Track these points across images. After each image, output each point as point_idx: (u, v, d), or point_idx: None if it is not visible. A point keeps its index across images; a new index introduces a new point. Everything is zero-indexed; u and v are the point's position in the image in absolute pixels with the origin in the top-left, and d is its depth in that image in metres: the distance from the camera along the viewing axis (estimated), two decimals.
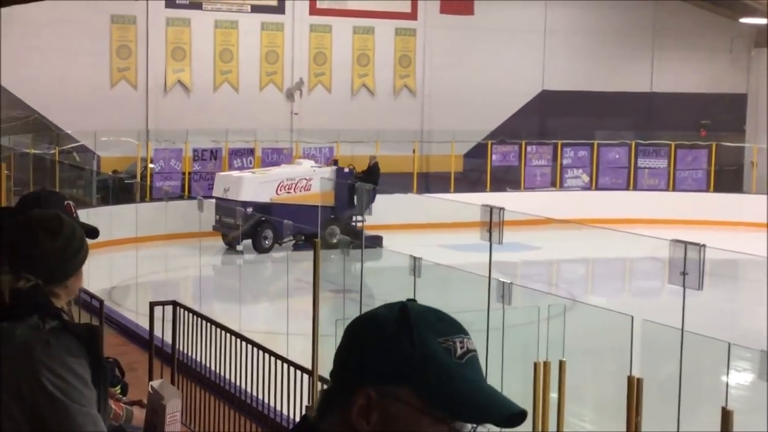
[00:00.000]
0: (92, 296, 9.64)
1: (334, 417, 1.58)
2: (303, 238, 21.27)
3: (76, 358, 2.92)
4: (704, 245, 6.38)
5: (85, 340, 2.96)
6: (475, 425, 1.56)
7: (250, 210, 21.18)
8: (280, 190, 22.35)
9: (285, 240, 21.60)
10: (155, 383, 3.56)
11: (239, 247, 21.37)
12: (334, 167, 23.70)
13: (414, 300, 1.64)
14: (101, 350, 3.00)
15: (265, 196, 22.00)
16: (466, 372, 1.56)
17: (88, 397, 2.93)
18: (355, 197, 22.71)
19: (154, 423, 3.41)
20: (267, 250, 21.68)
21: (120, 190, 23.30)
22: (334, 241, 21.74)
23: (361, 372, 1.57)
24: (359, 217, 22.69)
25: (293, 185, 22.50)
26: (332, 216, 22.42)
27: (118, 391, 4.12)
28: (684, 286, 6.45)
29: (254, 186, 22.06)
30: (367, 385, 1.55)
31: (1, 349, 2.91)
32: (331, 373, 1.64)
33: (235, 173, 23.16)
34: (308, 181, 22.69)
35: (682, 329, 6.67)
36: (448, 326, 1.61)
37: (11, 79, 25.06)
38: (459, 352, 1.57)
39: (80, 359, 2.93)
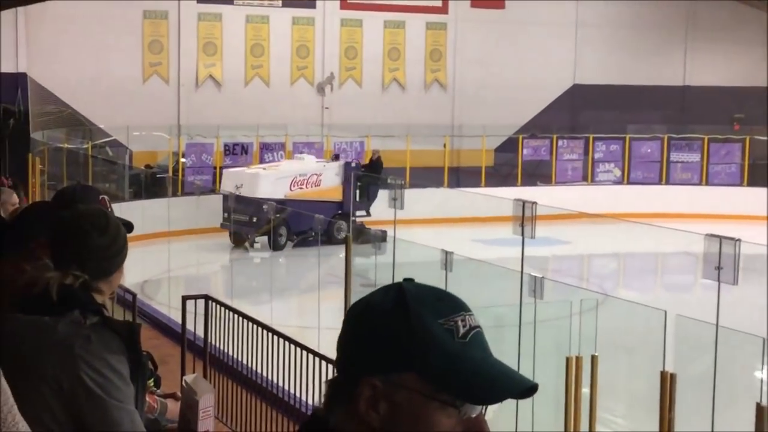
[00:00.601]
0: (125, 290, 9.69)
1: (342, 409, 1.53)
2: (313, 234, 21.05)
3: (115, 354, 2.94)
4: (739, 240, 6.33)
5: (124, 337, 2.98)
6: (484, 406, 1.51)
7: (268, 206, 20.99)
8: (294, 186, 22.14)
9: (307, 236, 21.19)
10: (188, 378, 3.57)
11: (257, 245, 21.07)
12: (342, 162, 23.51)
13: (411, 279, 1.58)
14: (140, 347, 3.02)
15: (279, 192, 21.64)
16: (471, 351, 1.51)
17: (126, 393, 2.95)
18: (358, 192, 22.63)
19: (188, 418, 3.42)
20: (282, 247, 21.43)
21: (152, 184, 23.41)
22: (341, 237, 21.64)
23: (363, 362, 1.52)
24: (361, 212, 22.54)
25: (305, 181, 22.35)
26: (340, 211, 22.24)
27: (152, 383, 4.14)
28: (719, 280, 6.40)
29: (270, 182, 21.79)
30: (371, 375, 1.50)
31: (42, 343, 2.94)
32: (335, 363, 1.59)
33: (247, 170, 22.70)
34: (318, 176, 22.54)
35: (717, 324, 6.62)
36: (447, 305, 1.54)
37: (45, 75, 25.25)
38: (462, 331, 1.51)
39: (119, 356, 2.95)
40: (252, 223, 20.69)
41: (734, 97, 31.56)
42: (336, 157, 24.55)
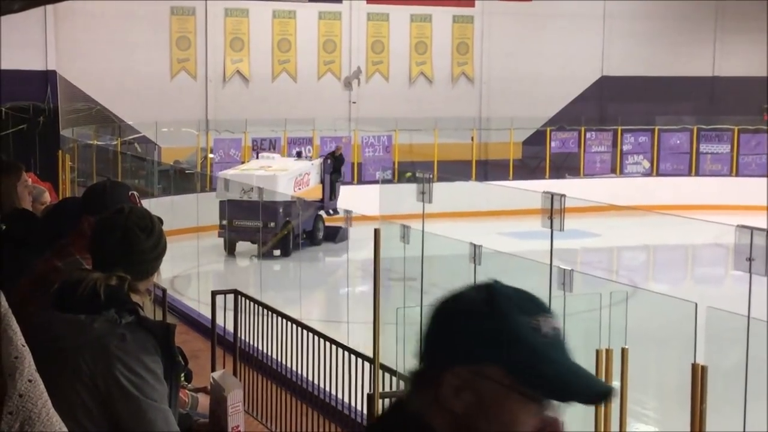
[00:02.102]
0: (155, 285, 9.74)
1: (426, 397, 1.60)
2: (305, 235, 20.46)
3: (150, 354, 2.96)
4: None
5: (159, 338, 3.00)
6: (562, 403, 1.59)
7: (284, 209, 19.87)
8: (296, 187, 21.33)
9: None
10: (216, 374, 3.59)
11: (276, 252, 19.62)
12: (320, 159, 22.77)
13: (498, 281, 1.66)
14: (175, 347, 3.04)
15: (289, 194, 20.64)
16: (553, 350, 1.57)
17: (160, 392, 2.97)
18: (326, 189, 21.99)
19: (218, 414, 3.44)
20: (290, 252, 20.18)
21: (181, 180, 23.51)
22: (321, 236, 21.24)
23: (452, 352, 1.59)
24: (323, 212, 21.80)
25: (302, 181, 21.69)
26: (320, 210, 21.58)
27: (183, 378, 4.16)
28: (750, 272, 6.35)
29: (286, 184, 20.74)
30: (458, 365, 1.57)
31: (78, 341, 2.96)
32: (420, 355, 1.65)
33: (256, 173, 20.82)
34: (308, 175, 21.97)
35: (749, 316, 6.58)
36: (534, 305, 1.61)
37: (74, 72, 25.41)
38: (545, 330, 1.58)
39: (154, 356, 2.97)
40: (269, 229, 19.31)
41: (764, 87, 31.25)
42: (298, 154, 23.75)
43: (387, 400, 6.91)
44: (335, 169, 22.74)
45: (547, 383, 1.56)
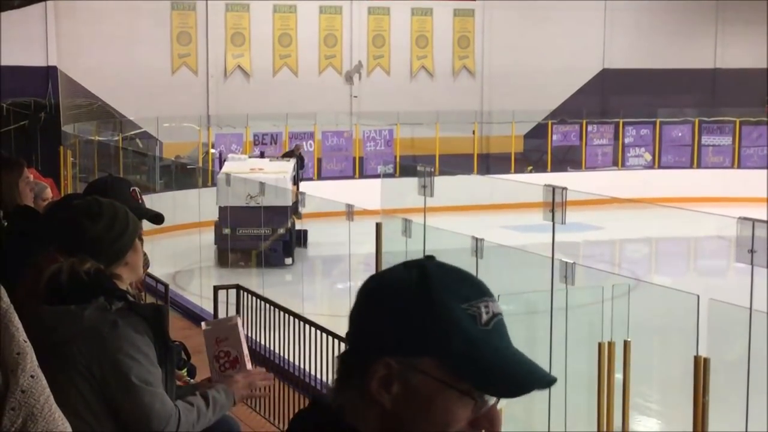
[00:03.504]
0: (157, 281, 9.76)
1: (353, 387, 1.48)
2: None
3: (142, 337, 2.98)
4: None
5: (151, 320, 3.01)
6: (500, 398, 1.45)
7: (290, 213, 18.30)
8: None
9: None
10: (205, 323, 3.62)
11: (288, 261, 18.08)
12: (291, 159, 20.93)
13: (432, 257, 1.51)
14: (167, 330, 3.05)
15: (289, 198, 18.78)
16: (492, 339, 1.44)
17: (155, 375, 2.99)
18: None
19: (224, 352, 3.45)
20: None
21: (182, 175, 23.51)
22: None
23: (380, 340, 1.45)
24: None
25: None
26: (294, 212, 19.47)
27: (185, 374, 4.17)
28: (752, 264, 6.36)
29: (290, 187, 19.07)
30: (387, 354, 1.44)
31: (71, 331, 2.97)
32: (347, 336, 1.54)
33: (261, 176, 18.37)
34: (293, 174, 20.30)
35: (751, 308, 6.58)
36: (471, 289, 1.47)
37: (74, 68, 25.40)
38: (485, 317, 1.45)
39: (146, 339, 2.98)
40: (280, 235, 17.96)
41: (765, 79, 31.24)
42: (262, 154, 22.26)
43: None
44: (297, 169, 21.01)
45: (485, 377, 1.42)
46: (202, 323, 3.58)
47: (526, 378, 1.43)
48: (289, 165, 20.21)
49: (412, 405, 1.44)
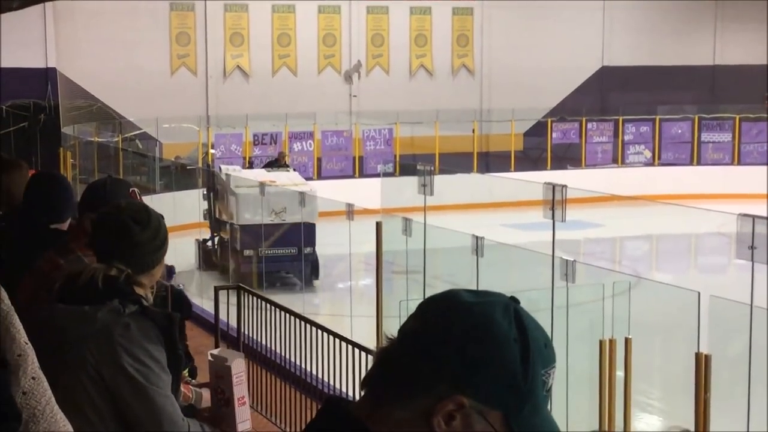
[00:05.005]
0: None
1: (413, 406, 1.44)
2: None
3: (153, 342, 2.98)
4: None
5: (163, 327, 3.02)
6: None
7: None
8: None
9: None
10: (214, 351, 3.60)
11: (316, 282, 16.56)
12: (285, 169, 19.73)
13: (517, 301, 1.50)
14: (177, 337, 3.06)
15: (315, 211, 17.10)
16: (545, 404, 1.46)
17: (165, 380, 2.99)
18: None
19: (221, 389, 3.43)
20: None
21: (182, 176, 23.51)
22: None
23: (466, 382, 1.42)
24: None
25: None
26: None
27: (187, 374, 4.17)
28: (752, 260, 6.36)
29: None
30: (463, 394, 1.42)
31: (82, 332, 2.98)
32: (403, 351, 1.46)
33: (290, 188, 16.58)
34: None
35: (751, 304, 6.58)
36: (551, 354, 1.47)
37: (74, 69, 25.41)
38: (549, 384, 1.46)
39: (157, 345, 2.99)
40: (306, 255, 16.00)
41: (764, 75, 31.21)
42: (251, 164, 21.67)
43: None
44: None
45: None
46: (209, 352, 3.58)
47: None
48: (296, 175, 19.06)
49: None
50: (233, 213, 16.47)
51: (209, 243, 17.85)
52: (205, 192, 18.44)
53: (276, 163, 20.66)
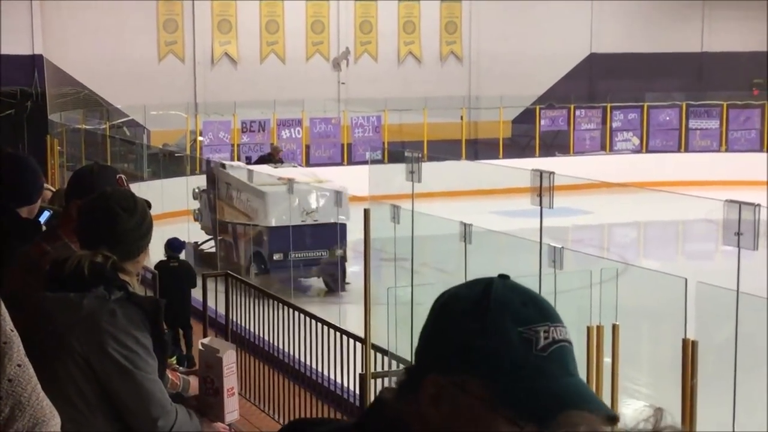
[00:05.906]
0: (146, 269, 9.73)
1: (408, 399, 1.45)
2: None
3: (139, 328, 3.00)
4: (759, 205, 6.30)
5: (148, 312, 3.03)
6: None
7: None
8: None
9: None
10: (205, 340, 3.60)
11: (348, 282, 15.15)
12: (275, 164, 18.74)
13: (507, 277, 1.46)
14: (163, 322, 3.07)
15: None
16: (549, 367, 1.38)
17: (152, 365, 3.01)
18: None
19: (210, 378, 3.43)
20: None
21: (170, 163, 23.45)
22: None
23: (432, 358, 1.42)
24: None
25: None
26: None
27: (174, 361, 4.17)
28: (739, 246, 6.37)
29: None
30: (437, 372, 1.41)
31: (69, 319, 2.98)
32: (415, 350, 1.49)
33: (315, 190, 15.48)
34: None
35: (738, 290, 6.60)
36: (533, 312, 1.41)
37: (61, 56, 25.29)
38: (542, 343, 1.38)
39: (144, 330, 3.00)
40: (336, 257, 15.03)
41: (753, 62, 31.27)
42: (248, 160, 20.94)
43: (378, 380, 6.94)
44: None
45: (532, 406, 1.35)
46: (200, 341, 3.58)
47: (581, 409, 1.34)
48: (311, 170, 18.07)
49: (458, 425, 1.40)
50: (257, 213, 15.37)
51: (204, 246, 17.42)
52: (197, 190, 17.97)
53: (269, 159, 19.94)
